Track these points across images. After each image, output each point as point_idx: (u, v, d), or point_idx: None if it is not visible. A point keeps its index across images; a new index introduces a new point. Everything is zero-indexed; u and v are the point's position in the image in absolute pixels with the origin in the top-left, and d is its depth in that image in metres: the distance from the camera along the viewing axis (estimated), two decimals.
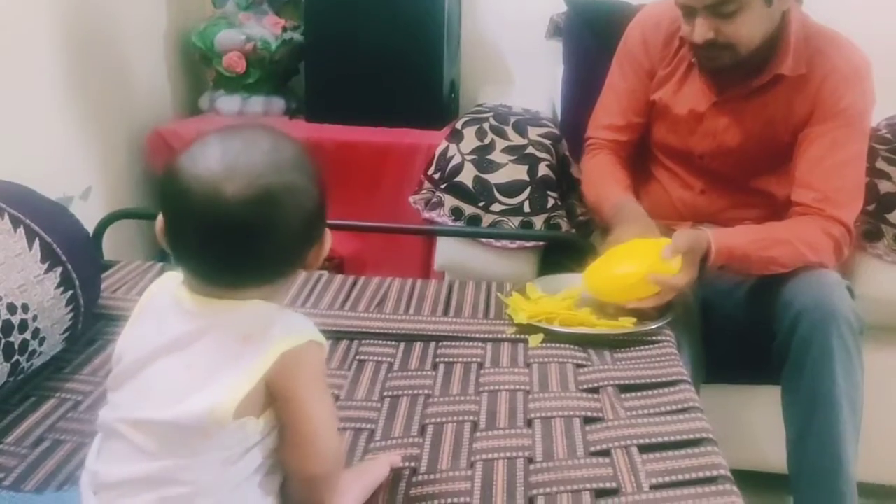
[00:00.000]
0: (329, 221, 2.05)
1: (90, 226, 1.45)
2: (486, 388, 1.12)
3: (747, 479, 1.00)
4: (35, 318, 1.07)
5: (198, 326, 0.71)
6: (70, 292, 1.14)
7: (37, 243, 1.12)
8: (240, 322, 0.71)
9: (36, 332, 1.08)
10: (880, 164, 1.56)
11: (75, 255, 1.17)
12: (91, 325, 1.27)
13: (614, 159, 1.61)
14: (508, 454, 0.96)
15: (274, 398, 0.71)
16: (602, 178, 1.59)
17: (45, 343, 1.10)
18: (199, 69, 2.25)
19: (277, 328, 0.71)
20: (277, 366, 0.70)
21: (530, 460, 0.95)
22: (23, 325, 1.05)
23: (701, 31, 1.34)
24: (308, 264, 0.76)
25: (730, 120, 1.49)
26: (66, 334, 1.15)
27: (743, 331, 1.43)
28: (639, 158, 1.67)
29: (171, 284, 0.76)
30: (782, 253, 1.36)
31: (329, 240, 0.78)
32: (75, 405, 1.08)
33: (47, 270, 1.12)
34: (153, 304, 0.78)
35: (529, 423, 1.03)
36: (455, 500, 0.88)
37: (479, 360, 1.20)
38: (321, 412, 0.74)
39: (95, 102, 1.89)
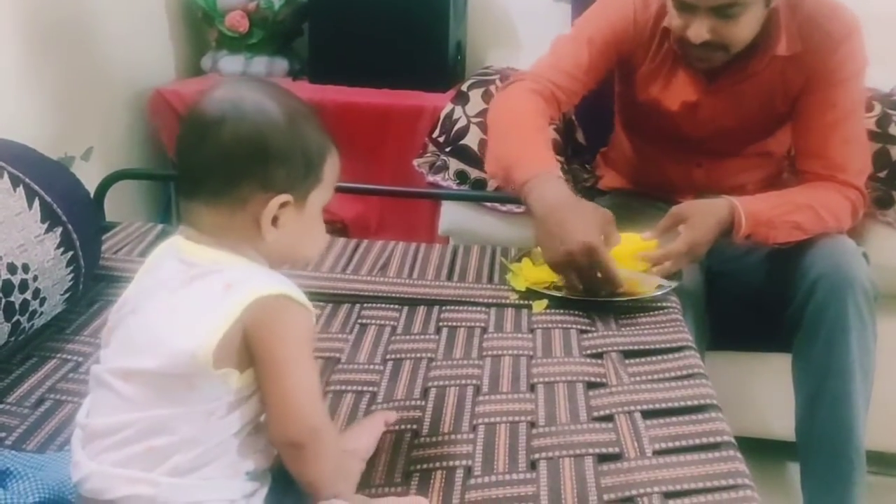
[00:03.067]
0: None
1: (91, 187, 1.43)
2: (490, 352, 1.11)
3: (750, 446, 0.99)
4: (35, 278, 1.07)
5: (189, 275, 0.74)
6: (70, 252, 1.13)
7: (37, 202, 1.10)
8: (226, 273, 0.73)
9: (36, 293, 1.07)
10: (893, 130, 1.53)
11: (76, 215, 1.16)
12: (92, 287, 1.26)
13: (547, 113, 1.37)
14: (511, 418, 0.96)
15: (253, 355, 0.72)
16: (531, 129, 1.33)
17: (46, 303, 1.10)
18: (202, 29, 2.21)
19: (259, 278, 0.73)
20: (252, 311, 0.70)
21: (533, 424, 0.94)
22: (23, 285, 1.05)
23: (699, 31, 1.28)
24: (257, 214, 0.74)
25: (726, 104, 1.44)
26: (66, 295, 1.15)
27: (753, 298, 1.42)
28: (630, 139, 1.63)
29: (175, 241, 0.77)
30: (805, 218, 1.33)
31: (303, 223, 0.78)
32: (76, 366, 1.07)
33: (47, 230, 1.10)
34: (154, 259, 0.79)
35: (532, 388, 1.02)
36: (457, 462, 0.88)
37: (482, 324, 1.19)
38: (297, 374, 0.72)
39: (97, 62, 1.87)
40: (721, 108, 1.45)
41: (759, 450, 1.23)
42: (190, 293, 0.73)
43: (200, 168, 0.74)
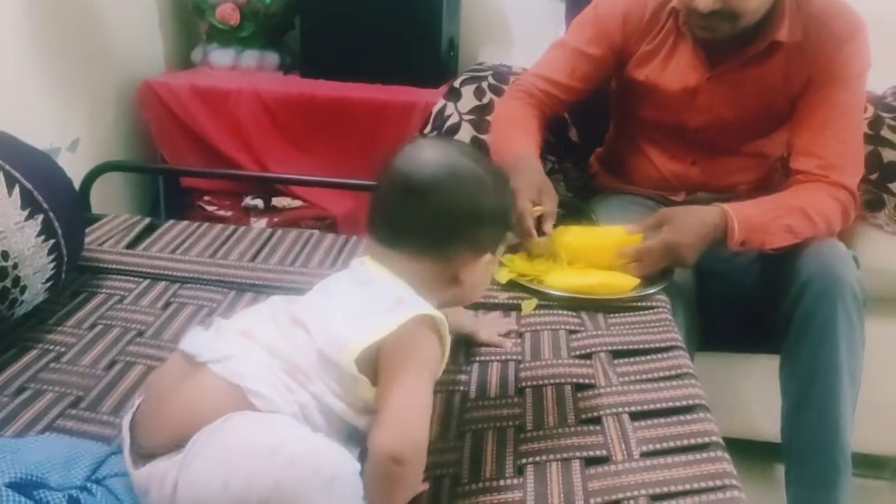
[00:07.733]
0: (322, 179, 1.99)
1: (78, 178, 1.42)
2: (477, 358, 1.08)
3: (737, 446, 0.99)
4: (16, 265, 1.05)
5: (362, 281, 0.82)
6: (52, 241, 1.11)
7: (16, 189, 1.08)
8: (395, 289, 0.80)
9: (17, 280, 1.05)
10: (885, 133, 1.53)
11: (58, 203, 1.13)
12: (76, 278, 1.24)
13: (532, 111, 1.50)
14: (498, 423, 0.94)
15: (378, 365, 0.76)
16: (513, 126, 1.49)
17: (27, 292, 1.08)
18: (192, 21, 2.19)
19: (423, 302, 0.80)
20: (404, 327, 0.76)
21: (520, 429, 0.93)
22: (3, 273, 1.03)
23: None
24: (458, 270, 0.83)
25: (726, 93, 1.43)
26: (48, 284, 1.13)
27: (743, 299, 1.42)
28: (625, 132, 1.63)
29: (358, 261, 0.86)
30: (797, 221, 1.32)
31: (486, 274, 0.87)
32: (58, 356, 1.06)
33: (28, 217, 1.08)
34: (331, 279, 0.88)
35: (520, 392, 1.00)
36: (443, 470, 0.86)
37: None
38: (417, 392, 0.75)
39: (85, 53, 1.85)
40: (720, 97, 1.44)
41: (747, 451, 1.23)
42: (365, 294, 0.80)
43: (414, 227, 0.81)
